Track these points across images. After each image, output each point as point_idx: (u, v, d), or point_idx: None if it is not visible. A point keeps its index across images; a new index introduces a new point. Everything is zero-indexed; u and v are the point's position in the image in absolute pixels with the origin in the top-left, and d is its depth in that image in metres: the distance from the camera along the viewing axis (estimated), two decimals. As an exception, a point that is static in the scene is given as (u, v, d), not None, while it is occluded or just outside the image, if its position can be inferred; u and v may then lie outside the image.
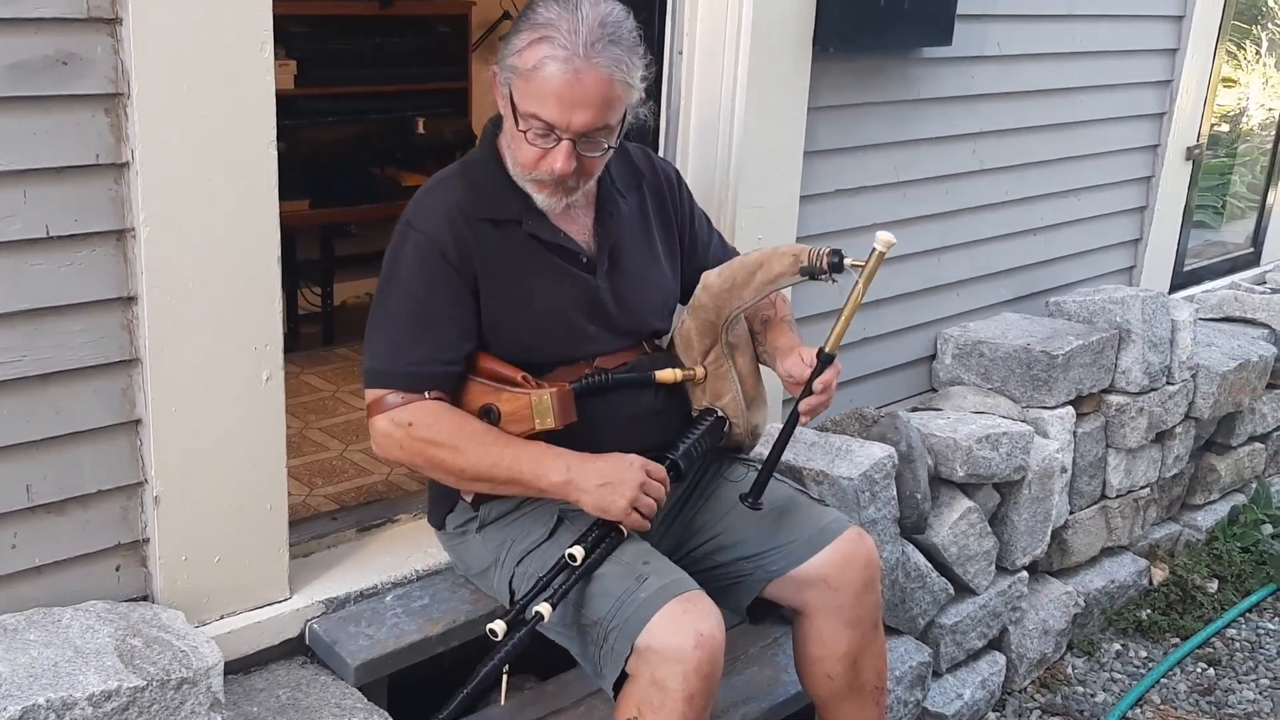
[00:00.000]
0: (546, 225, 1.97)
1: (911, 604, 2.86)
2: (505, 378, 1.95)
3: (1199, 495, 4.12)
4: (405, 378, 1.90)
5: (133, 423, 1.90)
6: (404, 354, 1.90)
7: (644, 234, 2.12)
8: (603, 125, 1.85)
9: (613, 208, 2.05)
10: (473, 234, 1.92)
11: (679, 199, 2.20)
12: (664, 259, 2.14)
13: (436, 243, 1.90)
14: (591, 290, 2.01)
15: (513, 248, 1.95)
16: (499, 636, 1.80)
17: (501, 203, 1.95)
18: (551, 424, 1.92)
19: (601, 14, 1.82)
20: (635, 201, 2.11)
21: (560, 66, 1.79)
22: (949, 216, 3.34)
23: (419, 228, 1.92)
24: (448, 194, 1.95)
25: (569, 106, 1.80)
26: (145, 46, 1.75)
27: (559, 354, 2.00)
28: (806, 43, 2.70)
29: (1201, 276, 4.62)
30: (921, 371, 3.47)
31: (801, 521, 2.10)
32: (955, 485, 3.02)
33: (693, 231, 2.21)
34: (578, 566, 1.85)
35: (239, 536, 2.03)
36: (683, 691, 1.77)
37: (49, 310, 1.78)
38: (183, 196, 1.83)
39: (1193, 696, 3.30)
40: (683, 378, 2.09)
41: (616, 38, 1.82)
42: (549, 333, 1.98)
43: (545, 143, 1.85)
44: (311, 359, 3.76)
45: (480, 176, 1.98)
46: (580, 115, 1.81)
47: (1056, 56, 3.49)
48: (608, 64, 1.80)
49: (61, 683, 1.66)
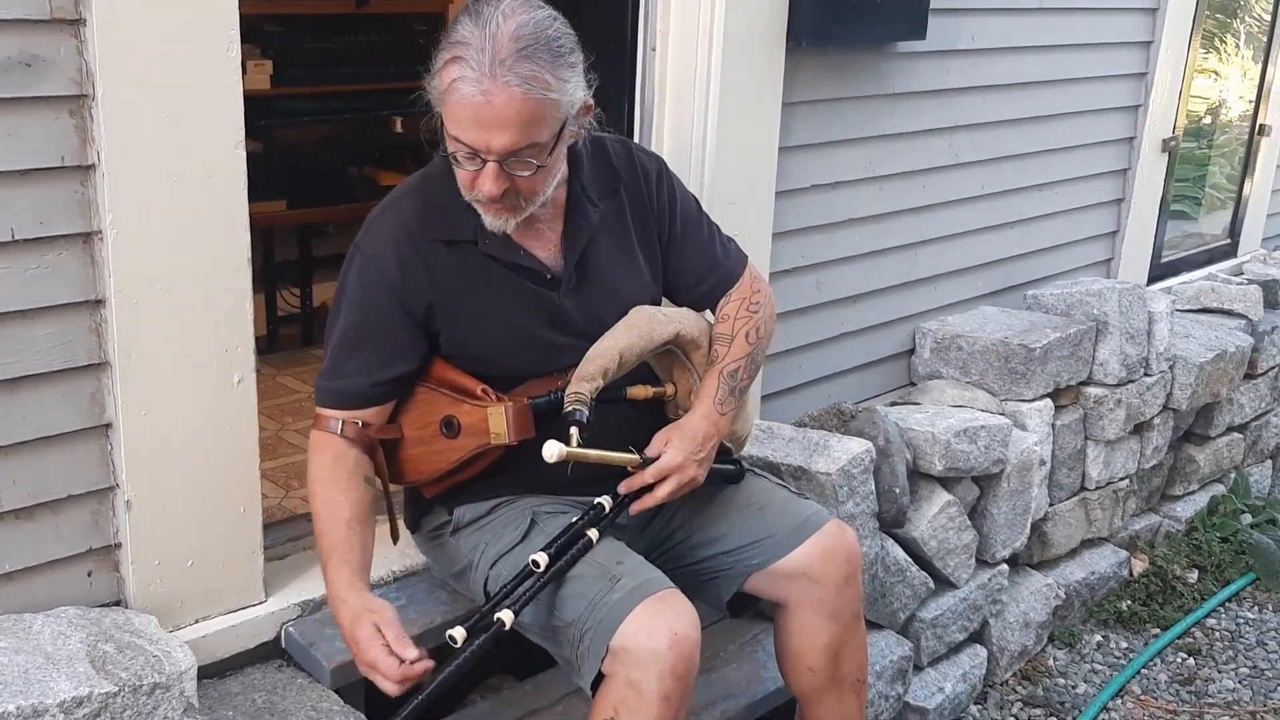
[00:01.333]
0: (505, 244, 1.92)
1: (892, 598, 2.86)
2: (466, 389, 1.95)
3: (1178, 486, 4.13)
4: (336, 395, 1.93)
5: (103, 427, 1.89)
6: (338, 374, 1.93)
7: (619, 241, 2.05)
8: (527, 144, 1.75)
9: (582, 220, 1.99)
10: (423, 257, 1.90)
11: (656, 195, 2.10)
12: (643, 264, 2.09)
13: (379, 267, 1.89)
14: (555, 307, 1.98)
15: (468, 269, 1.93)
16: (459, 643, 1.78)
17: (457, 223, 1.91)
18: (507, 439, 1.91)
19: (515, 26, 1.71)
20: (610, 207, 2.04)
21: (470, 88, 1.70)
22: (925, 211, 3.34)
23: (365, 250, 1.92)
24: (398, 215, 1.93)
25: (485, 129, 1.72)
26: (109, 48, 1.73)
27: (527, 369, 1.99)
28: (780, 37, 2.70)
29: (1179, 268, 4.63)
30: (900, 366, 3.47)
31: (782, 515, 2.09)
32: (934, 479, 3.02)
33: (673, 228, 2.12)
34: (542, 573, 1.85)
35: (212, 540, 2.02)
36: (658, 692, 1.77)
37: (15, 314, 1.77)
38: (150, 198, 1.82)
39: (1173, 686, 3.32)
40: (654, 395, 2.07)
41: (531, 52, 1.71)
42: (513, 349, 1.97)
43: (471, 165, 1.78)
44: (289, 360, 3.74)
45: (437, 192, 1.93)
46: (498, 137, 1.72)
47: (1031, 50, 3.50)
48: (520, 81, 1.70)
49: (32, 690, 1.64)
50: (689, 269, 2.13)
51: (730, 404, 2.04)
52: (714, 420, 2.02)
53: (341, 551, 1.85)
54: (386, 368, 1.93)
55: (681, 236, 2.12)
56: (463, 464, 1.97)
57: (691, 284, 2.14)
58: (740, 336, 2.09)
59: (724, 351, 2.07)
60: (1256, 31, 4.91)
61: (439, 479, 2.02)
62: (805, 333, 3.11)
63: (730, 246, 2.19)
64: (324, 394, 1.95)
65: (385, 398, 1.96)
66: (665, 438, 1.99)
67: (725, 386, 2.04)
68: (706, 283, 2.14)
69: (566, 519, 1.94)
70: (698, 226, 2.15)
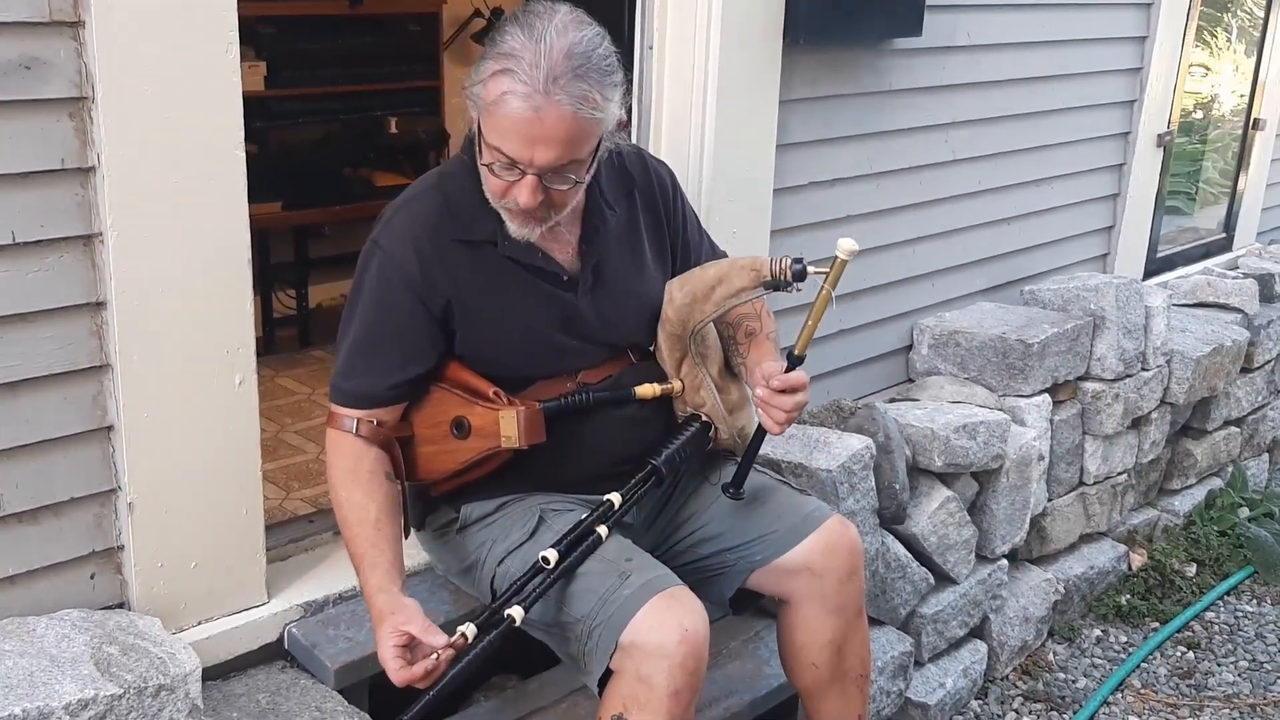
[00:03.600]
0: (524, 247, 1.92)
1: (892, 594, 2.87)
2: (478, 391, 1.95)
3: (1176, 480, 4.15)
4: (351, 395, 1.93)
5: (104, 429, 1.89)
6: (354, 373, 1.93)
7: (632, 245, 2.08)
8: (569, 161, 1.77)
9: (599, 222, 2.01)
10: (442, 256, 1.90)
11: (672, 203, 2.15)
12: (653, 267, 2.11)
13: (400, 265, 1.89)
14: (570, 308, 1.98)
15: (488, 269, 1.93)
16: (469, 640, 1.79)
17: (476, 223, 1.92)
18: (517, 443, 1.92)
19: (569, 44, 1.72)
20: (624, 210, 2.07)
21: (521, 103, 1.70)
22: (923, 207, 3.35)
23: (385, 247, 1.91)
24: (419, 213, 1.93)
25: (530, 144, 1.73)
26: (109, 50, 1.73)
27: (539, 370, 2.00)
28: (777, 35, 2.70)
29: (1175, 263, 4.64)
30: (898, 362, 3.48)
31: (784, 511, 2.10)
32: (934, 475, 3.03)
33: (684, 237, 2.18)
34: (552, 569, 1.85)
35: (215, 542, 2.02)
36: (668, 687, 1.77)
37: (16, 318, 1.76)
38: (150, 200, 1.82)
39: (1173, 680, 3.32)
40: (662, 392, 2.08)
41: (584, 71, 1.72)
42: (527, 351, 1.98)
43: (509, 175, 1.79)
44: (287, 362, 3.74)
45: (456, 192, 1.93)
46: (543, 153, 1.74)
47: (1027, 45, 3.50)
48: (571, 101, 1.71)
49: (38, 692, 1.64)
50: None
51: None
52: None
53: (371, 556, 1.86)
54: (404, 369, 1.93)
55: (691, 243, 2.19)
56: (471, 465, 1.97)
57: None
58: (764, 314, 2.17)
59: (758, 326, 2.14)
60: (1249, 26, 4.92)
61: (447, 478, 2.02)
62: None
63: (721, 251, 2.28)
64: (339, 393, 1.95)
65: (401, 398, 1.96)
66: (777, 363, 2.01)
67: (777, 349, 2.12)
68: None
69: (574, 516, 1.94)
70: (701, 235, 2.23)
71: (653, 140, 2.68)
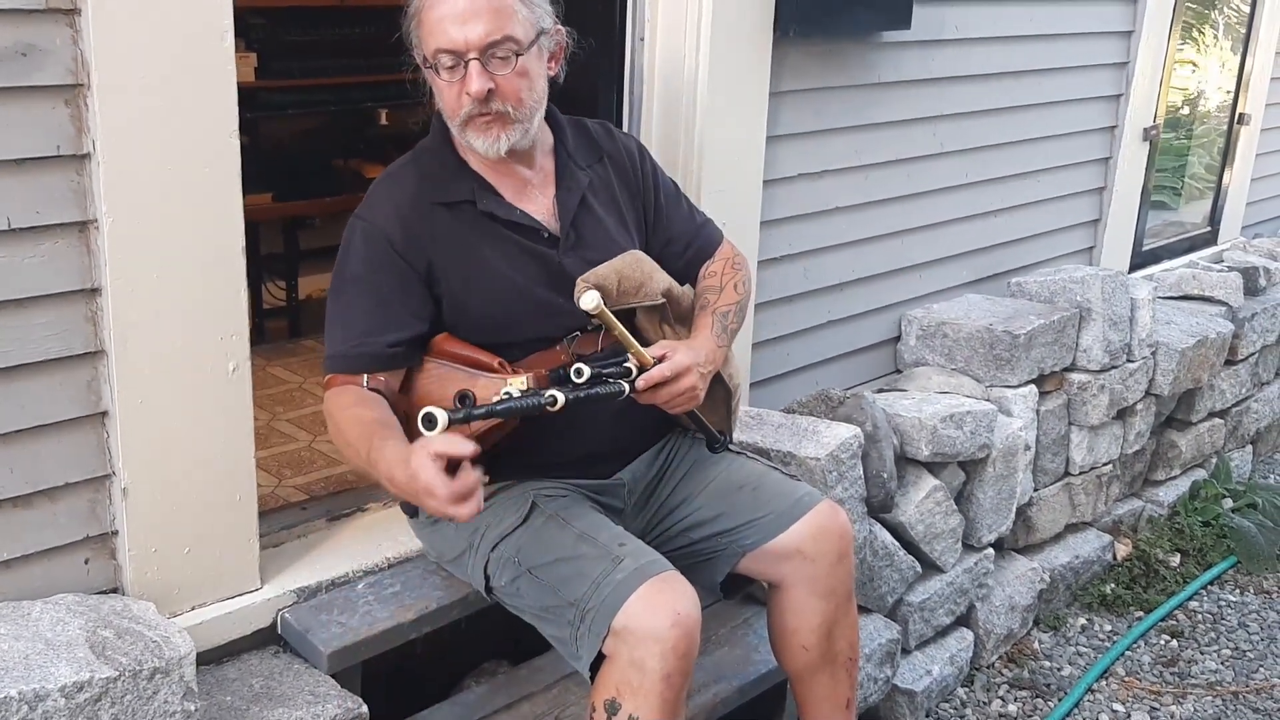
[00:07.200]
0: (501, 203, 1.99)
1: (880, 582, 2.89)
2: (482, 364, 1.96)
3: (1161, 471, 4.18)
4: (349, 359, 1.92)
5: (99, 414, 1.90)
6: (350, 334, 1.93)
7: (608, 205, 2.12)
8: (502, 37, 1.86)
9: (571, 182, 2.06)
10: (424, 220, 1.95)
11: (641, 169, 2.19)
12: (631, 229, 2.15)
13: (383, 231, 1.93)
14: (554, 265, 2.01)
15: (467, 228, 1.98)
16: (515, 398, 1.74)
17: (452, 186, 1.98)
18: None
19: None
20: (597, 174, 2.12)
21: None
22: (911, 199, 3.37)
23: (366, 218, 1.96)
24: (397, 184, 1.99)
25: (460, 23, 1.85)
26: (104, 37, 1.74)
27: (532, 331, 2.00)
28: (767, 27, 2.72)
29: (1160, 256, 4.68)
30: (886, 353, 3.50)
31: (775, 496, 2.12)
32: (921, 464, 3.05)
33: (658, 201, 2.20)
34: (556, 410, 1.77)
35: (208, 527, 2.03)
36: (661, 671, 1.79)
37: (11, 303, 1.77)
38: (145, 187, 1.82)
39: (1157, 668, 3.36)
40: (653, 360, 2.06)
41: None
42: (516, 309, 1.99)
43: (455, 75, 1.88)
44: (278, 351, 3.75)
45: (431, 162, 2.01)
46: (473, 28, 1.84)
47: (1014, 39, 3.53)
48: None
49: (33, 675, 1.65)
50: (677, 238, 2.21)
51: (724, 340, 2.11)
52: (712, 346, 2.06)
53: (380, 435, 1.79)
54: (400, 328, 1.93)
55: (667, 209, 2.21)
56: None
57: (678, 252, 2.21)
58: (729, 287, 2.18)
59: (714, 298, 2.16)
60: (1234, 23, 4.96)
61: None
62: (793, 320, 3.13)
63: (705, 217, 2.30)
64: (337, 361, 1.93)
65: (398, 360, 1.95)
66: (672, 345, 1.98)
67: (719, 324, 2.12)
68: (691, 249, 2.22)
69: (568, 500, 1.96)
70: (678, 200, 2.26)
71: (644, 131, 2.70)
